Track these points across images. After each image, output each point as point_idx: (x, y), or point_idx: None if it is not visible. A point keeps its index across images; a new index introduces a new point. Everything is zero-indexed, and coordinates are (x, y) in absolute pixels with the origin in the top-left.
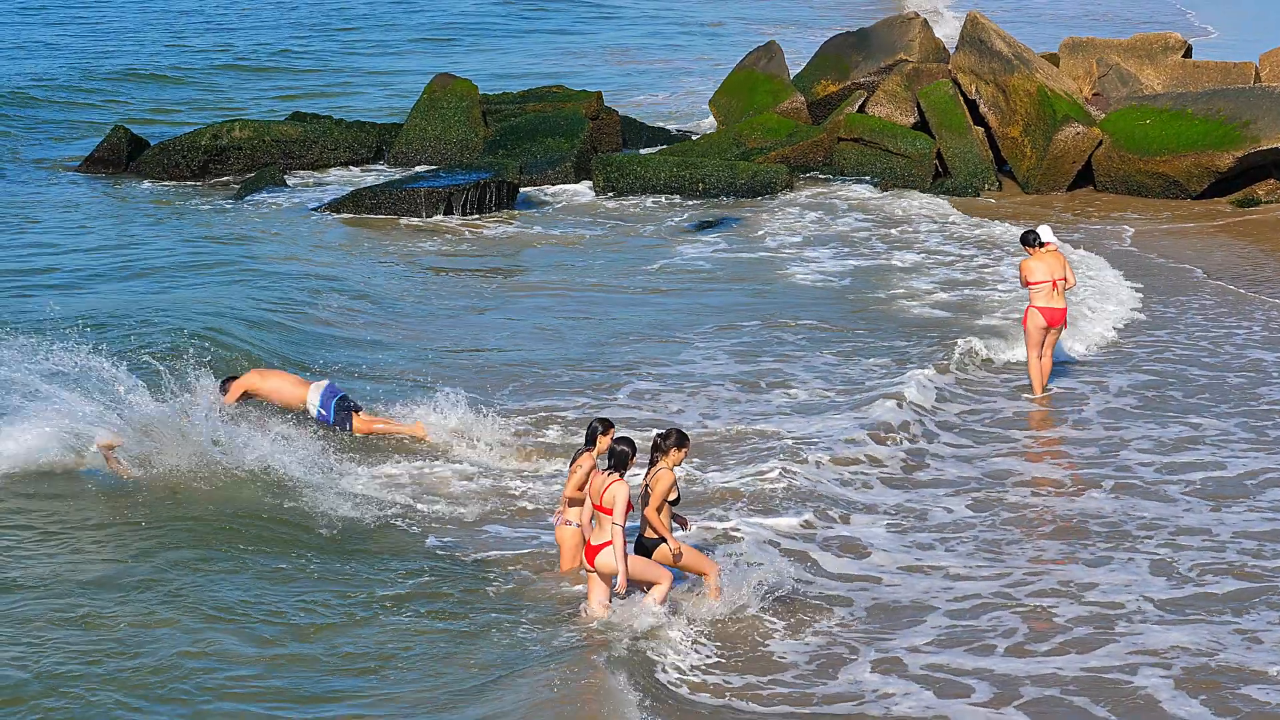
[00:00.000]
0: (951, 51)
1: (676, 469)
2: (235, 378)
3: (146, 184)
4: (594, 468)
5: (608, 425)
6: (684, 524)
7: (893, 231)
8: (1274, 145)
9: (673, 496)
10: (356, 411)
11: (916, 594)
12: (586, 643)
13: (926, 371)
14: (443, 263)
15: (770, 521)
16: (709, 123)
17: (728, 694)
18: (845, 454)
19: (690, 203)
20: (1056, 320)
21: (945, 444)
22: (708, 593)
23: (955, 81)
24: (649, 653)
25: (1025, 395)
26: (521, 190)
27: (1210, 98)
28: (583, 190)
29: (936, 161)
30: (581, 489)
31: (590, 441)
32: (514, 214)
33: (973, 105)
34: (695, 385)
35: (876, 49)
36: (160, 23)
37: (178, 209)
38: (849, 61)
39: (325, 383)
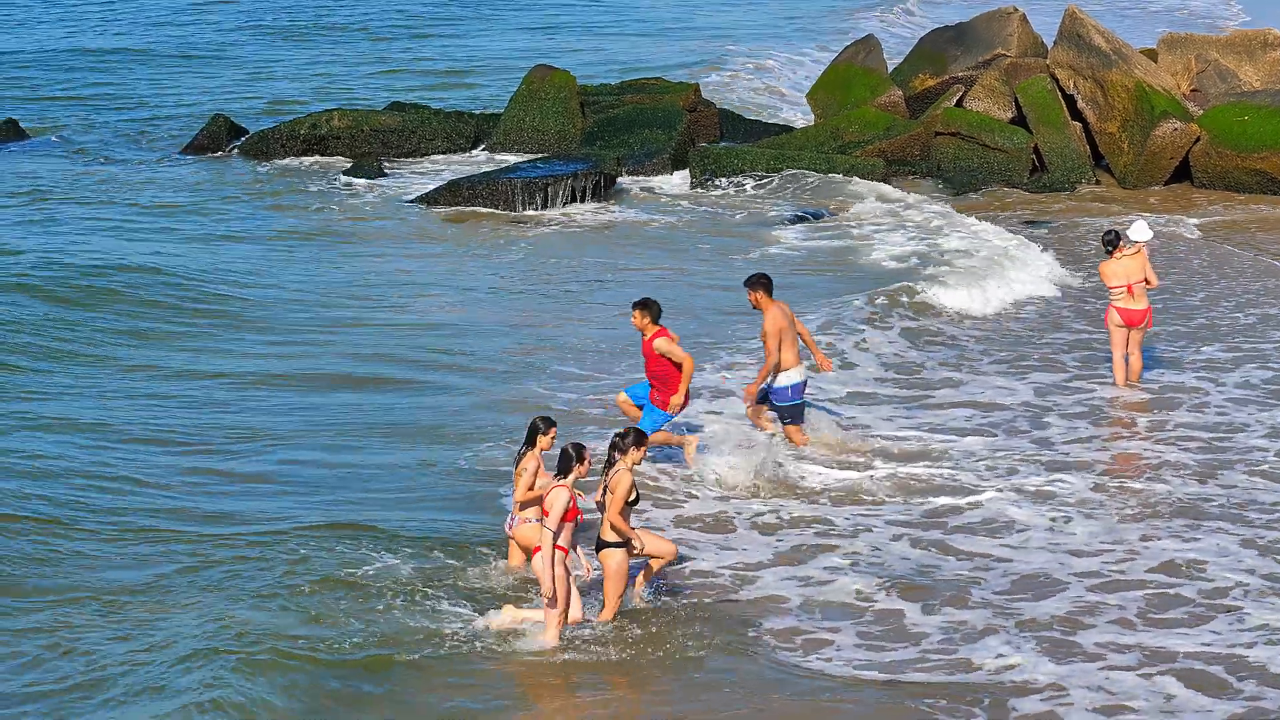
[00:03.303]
0: (1050, 46)
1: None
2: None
3: (243, 168)
4: (539, 467)
5: (549, 424)
6: (633, 539)
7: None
8: None
9: (631, 497)
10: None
11: (1046, 570)
12: (734, 647)
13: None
14: (542, 251)
15: (901, 505)
16: (806, 115)
17: (899, 668)
18: (965, 438)
19: (785, 191)
20: (1135, 321)
21: (1062, 428)
22: (602, 613)
23: (1053, 77)
24: (807, 649)
25: (1131, 385)
26: (619, 181)
27: None
28: (680, 181)
29: (1034, 156)
30: (532, 489)
31: (530, 441)
32: (612, 204)
33: (1070, 100)
34: None
35: (974, 43)
36: (272, 13)
37: (269, 193)
38: (947, 56)
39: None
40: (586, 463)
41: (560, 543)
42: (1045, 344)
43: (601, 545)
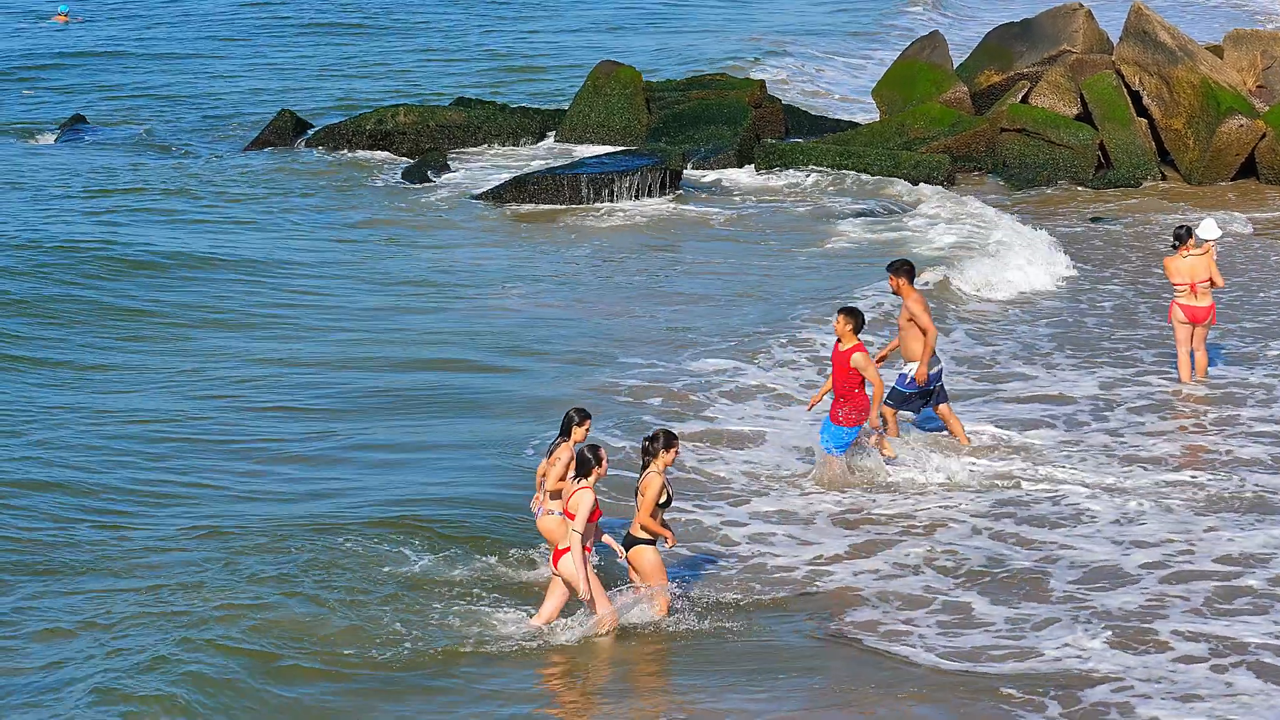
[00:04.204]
0: (1115, 43)
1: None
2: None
3: (309, 163)
4: (572, 459)
5: (584, 415)
6: (667, 537)
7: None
8: None
9: (662, 499)
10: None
11: (1116, 561)
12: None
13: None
14: (609, 245)
15: (974, 496)
16: (863, 113)
17: (972, 658)
18: (1035, 431)
19: (844, 183)
20: (1199, 318)
21: (1131, 422)
22: (655, 608)
23: (1119, 73)
24: (902, 637)
25: (1198, 381)
26: (684, 176)
27: None
28: (745, 177)
29: (1099, 153)
30: (564, 479)
31: (565, 432)
32: (677, 199)
33: (1136, 97)
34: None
35: (1040, 39)
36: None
37: (334, 188)
38: (1012, 52)
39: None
40: (604, 464)
41: (587, 543)
42: (1119, 339)
43: (632, 542)
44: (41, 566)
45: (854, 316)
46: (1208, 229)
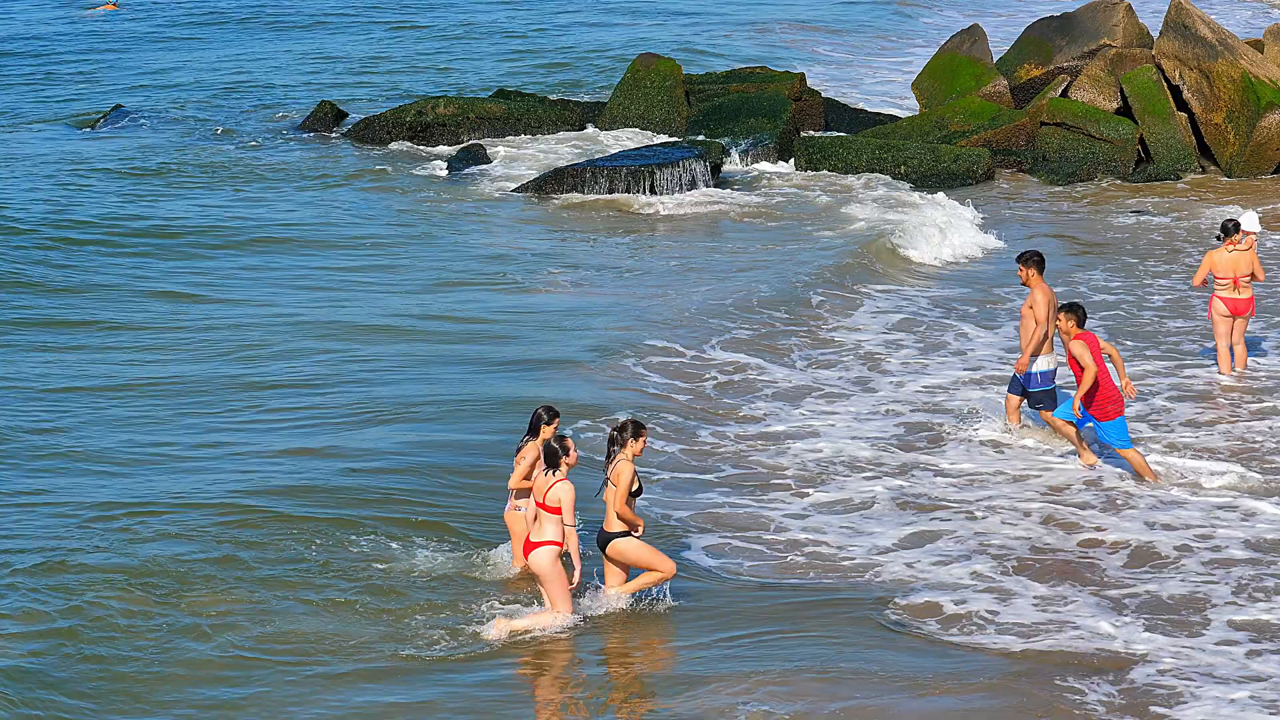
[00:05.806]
0: (1155, 37)
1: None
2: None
3: (349, 153)
4: (539, 457)
5: (553, 414)
6: (639, 525)
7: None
8: None
9: (634, 487)
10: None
11: (1158, 547)
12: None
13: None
14: (646, 236)
15: (1021, 484)
16: (910, 105)
17: (1022, 641)
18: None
19: (892, 182)
20: (1240, 310)
21: (1173, 413)
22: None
23: (1159, 67)
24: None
25: (1239, 373)
26: (724, 169)
27: None
28: (785, 170)
29: (1139, 147)
30: (527, 478)
31: (533, 431)
32: (717, 192)
33: (1176, 91)
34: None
35: (1080, 33)
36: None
37: (373, 178)
38: (1052, 46)
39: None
40: (572, 453)
41: (555, 537)
42: (1171, 331)
43: (608, 538)
44: (39, 550)
45: (1074, 311)
46: (1250, 221)
